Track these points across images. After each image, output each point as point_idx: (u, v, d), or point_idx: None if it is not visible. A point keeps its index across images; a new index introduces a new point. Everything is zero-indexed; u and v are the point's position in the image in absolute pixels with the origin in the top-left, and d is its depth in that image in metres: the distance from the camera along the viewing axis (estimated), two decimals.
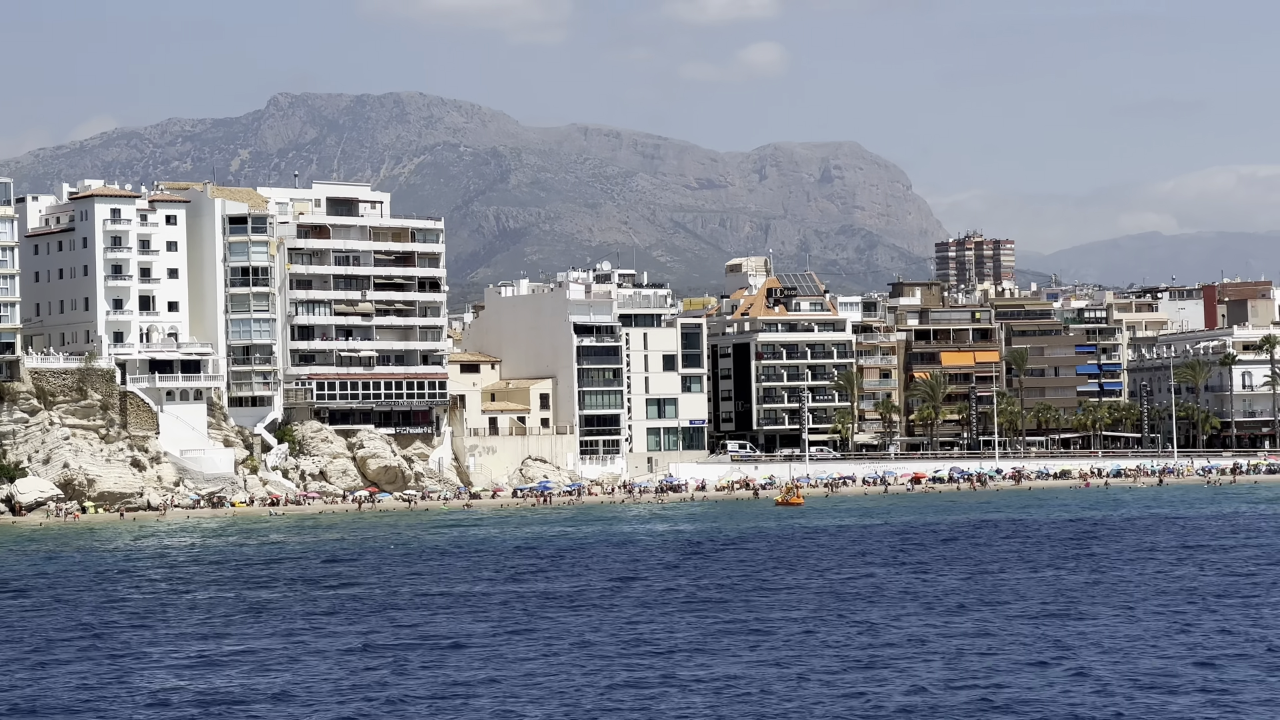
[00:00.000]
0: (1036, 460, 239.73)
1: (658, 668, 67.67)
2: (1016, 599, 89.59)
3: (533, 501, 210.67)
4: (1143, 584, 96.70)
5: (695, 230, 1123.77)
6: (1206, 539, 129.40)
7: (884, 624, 79.52)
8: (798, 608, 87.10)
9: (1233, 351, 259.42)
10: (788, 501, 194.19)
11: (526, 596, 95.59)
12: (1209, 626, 77.22)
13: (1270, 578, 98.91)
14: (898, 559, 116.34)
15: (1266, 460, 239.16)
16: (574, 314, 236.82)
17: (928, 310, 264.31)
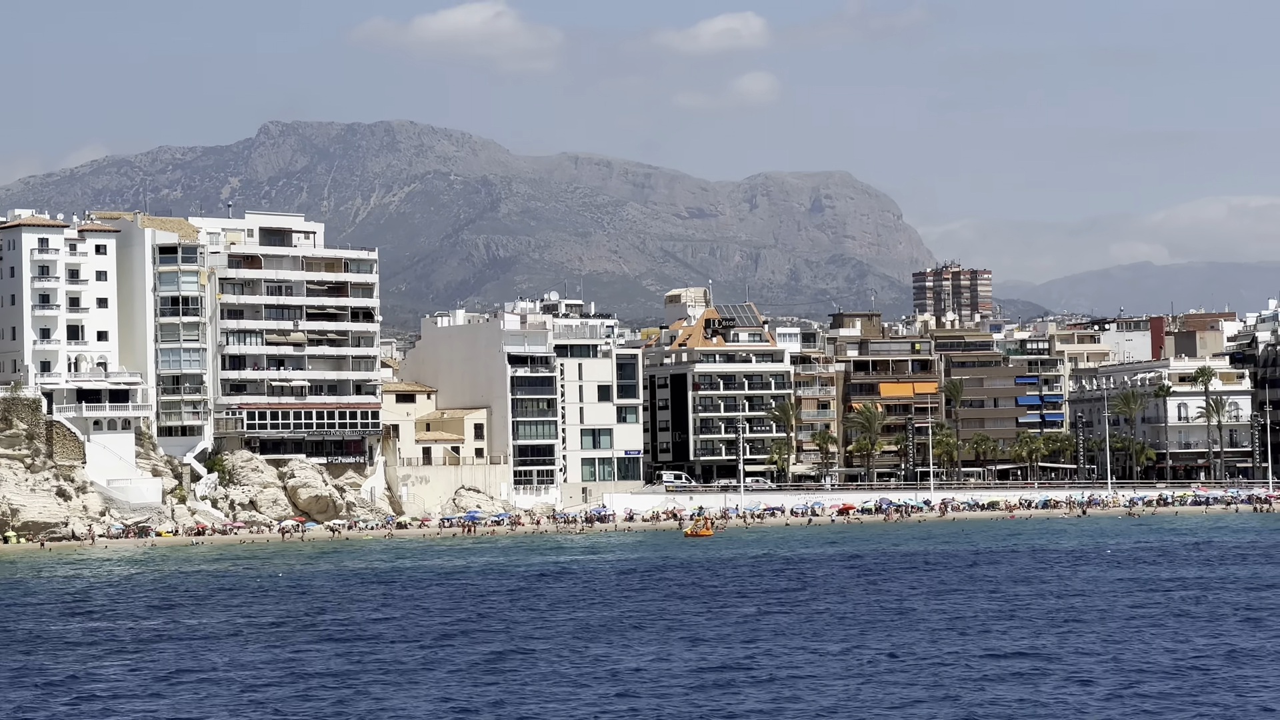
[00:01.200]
0: (967, 492, 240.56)
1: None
2: (722, 630, 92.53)
3: (454, 531, 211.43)
4: (855, 615, 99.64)
5: (685, 259, 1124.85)
6: (1021, 573, 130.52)
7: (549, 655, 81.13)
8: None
9: (1168, 383, 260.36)
10: (697, 533, 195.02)
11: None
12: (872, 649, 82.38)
13: (1016, 614, 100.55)
14: (683, 594, 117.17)
15: (1193, 492, 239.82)
16: (508, 344, 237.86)
17: (867, 341, 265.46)
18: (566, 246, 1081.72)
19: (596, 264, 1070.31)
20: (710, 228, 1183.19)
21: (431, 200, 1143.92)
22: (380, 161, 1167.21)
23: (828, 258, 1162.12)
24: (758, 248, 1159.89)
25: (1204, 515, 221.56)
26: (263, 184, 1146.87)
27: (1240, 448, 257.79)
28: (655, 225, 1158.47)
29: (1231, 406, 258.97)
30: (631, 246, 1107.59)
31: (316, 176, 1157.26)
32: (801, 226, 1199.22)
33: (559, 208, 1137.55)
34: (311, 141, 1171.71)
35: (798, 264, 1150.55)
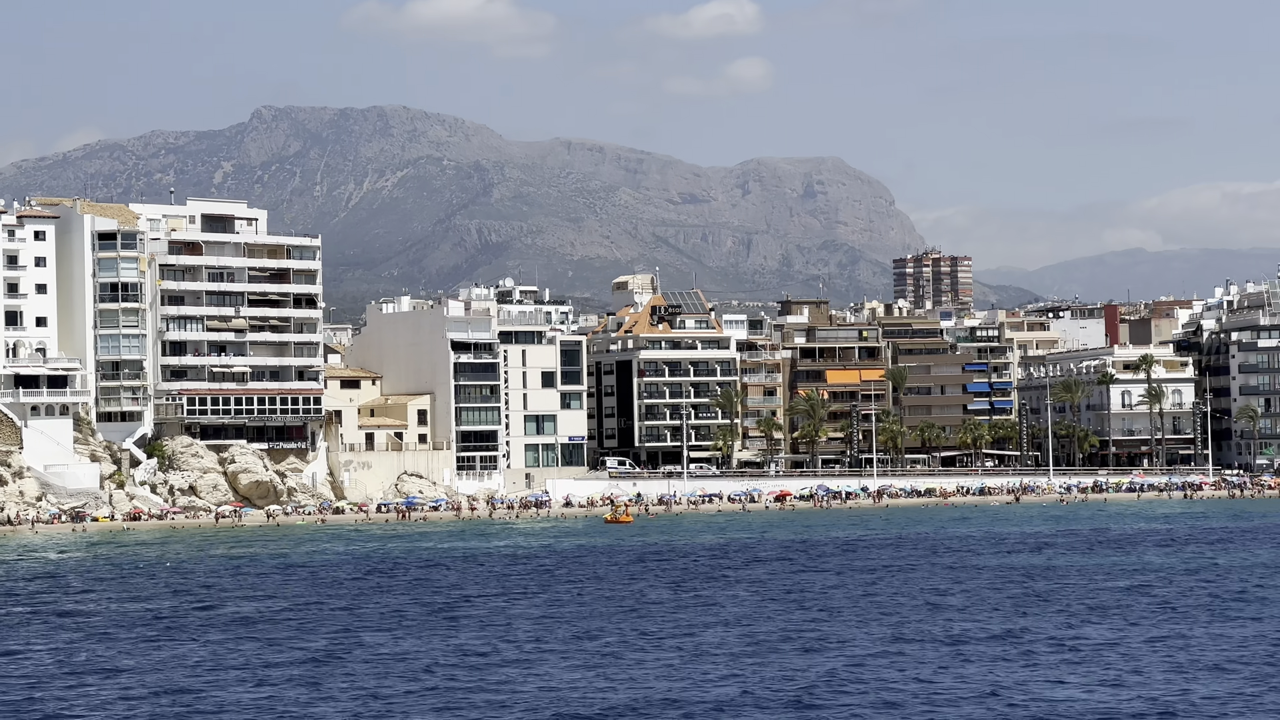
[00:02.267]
0: (905, 478, 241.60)
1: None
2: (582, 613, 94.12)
3: (387, 517, 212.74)
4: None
5: (677, 245, 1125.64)
6: (894, 558, 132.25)
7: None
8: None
9: (1111, 371, 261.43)
10: (617, 519, 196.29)
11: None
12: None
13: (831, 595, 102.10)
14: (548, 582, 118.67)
15: (1129, 479, 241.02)
16: (452, 331, 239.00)
17: (815, 328, 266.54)
18: (559, 232, 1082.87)
19: (589, 249, 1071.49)
20: (702, 213, 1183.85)
21: (424, 185, 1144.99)
22: (373, 146, 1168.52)
23: (820, 243, 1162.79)
24: (750, 233, 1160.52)
25: (1133, 502, 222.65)
26: (255, 168, 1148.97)
27: (1183, 435, 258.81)
28: (648, 211, 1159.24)
29: (1174, 394, 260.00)
30: (624, 232, 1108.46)
31: (309, 161, 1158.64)
32: (794, 212, 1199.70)
33: (551, 193, 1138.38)
34: (304, 126, 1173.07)
35: (790, 249, 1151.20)
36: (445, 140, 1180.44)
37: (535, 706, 65.60)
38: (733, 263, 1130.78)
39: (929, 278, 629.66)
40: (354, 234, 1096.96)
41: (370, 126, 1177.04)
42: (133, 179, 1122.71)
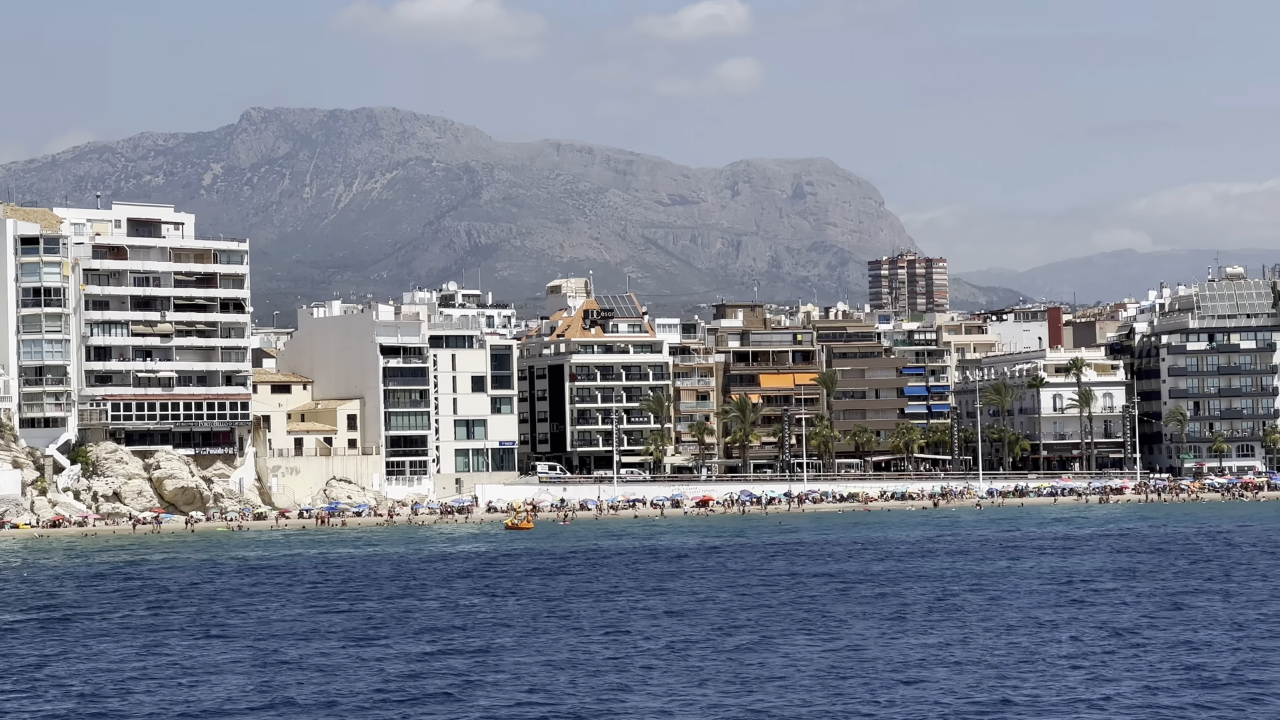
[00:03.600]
0: (830, 483, 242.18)
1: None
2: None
3: (304, 524, 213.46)
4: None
5: (667, 246, 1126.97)
6: (720, 564, 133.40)
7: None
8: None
9: (1042, 374, 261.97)
10: (517, 525, 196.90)
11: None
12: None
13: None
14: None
15: (1052, 483, 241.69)
16: (381, 335, 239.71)
17: (749, 332, 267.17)
18: (548, 233, 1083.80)
19: (578, 251, 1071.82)
20: (692, 215, 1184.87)
21: (413, 187, 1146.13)
22: (362, 148, 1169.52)
23: (809, 245, 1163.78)
24: (739, 235, 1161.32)
25: (1049, 506, 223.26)
26: (245, 170, 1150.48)
27: (1115, 438, 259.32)
28: (637, 212, 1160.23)
29: (1106, 397, 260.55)
30: (613, 233, 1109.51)
31: (299, 163, 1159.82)
32: (783, 213, 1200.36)
33: (541, 194, 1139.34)
34: (294, 128, 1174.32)
35: (779, 251, 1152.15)
36: (434, 142, 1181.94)
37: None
38: (721, 264, 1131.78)
39: (905, 279, 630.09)
40: (343, 236, 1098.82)
41: (359, 128, 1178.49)
42: (122, 181, 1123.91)
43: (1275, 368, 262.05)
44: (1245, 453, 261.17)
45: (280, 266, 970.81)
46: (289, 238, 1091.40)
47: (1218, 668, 73.22)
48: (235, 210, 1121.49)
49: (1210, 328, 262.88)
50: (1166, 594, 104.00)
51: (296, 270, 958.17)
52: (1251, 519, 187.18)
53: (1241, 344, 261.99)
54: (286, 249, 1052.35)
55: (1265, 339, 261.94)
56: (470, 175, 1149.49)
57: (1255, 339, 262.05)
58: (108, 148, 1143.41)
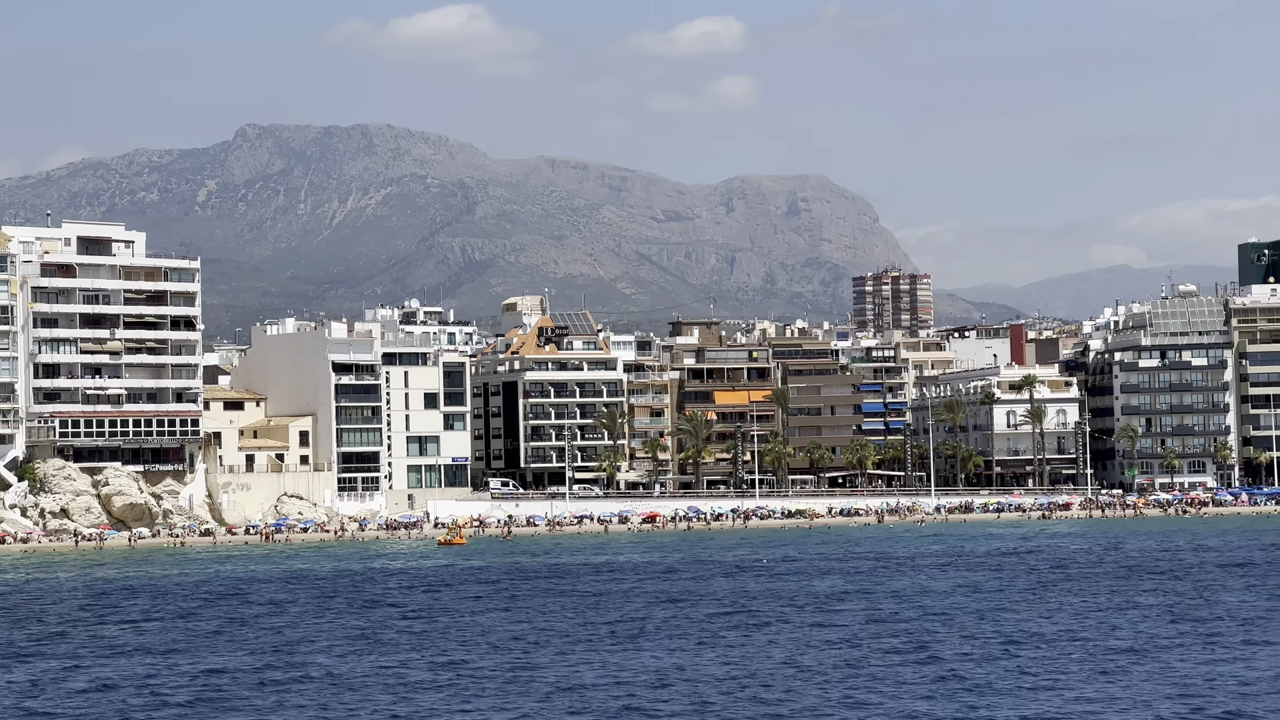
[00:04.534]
0: (778, 500, 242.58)
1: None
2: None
3: (246, 540, 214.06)
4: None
5: (661, 263, 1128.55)
6: (610, 583, 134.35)
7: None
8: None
9: (996, 391, 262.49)
10: (451, 541, 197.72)
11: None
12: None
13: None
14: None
15: (997, 499, 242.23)
16: (334, 353, 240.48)
17: (704, 349, 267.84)
18: (542, 249, 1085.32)
19: (572, 267, 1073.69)
20: (686, 231, 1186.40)
21: (408, 203, 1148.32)
22: (357, 164, 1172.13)
23: (803, 260, 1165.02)
24: (733, 250, 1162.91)
25: (992, 523, 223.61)
26: (239, 187, 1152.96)
27: (1068, 454, 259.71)
28: (631, 228, 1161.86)
29: (1059, 414, 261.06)
30: (607, 250, 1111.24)
31: (293, 179, 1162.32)
32: (778, 229, 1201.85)
33: (535, 211, 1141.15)
34: (288, 144, 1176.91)
35: (773, 267, 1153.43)
36: (429, 158, 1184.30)
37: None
38: (716, 280, 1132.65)
39: (890, 295, 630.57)
40: (338, 252, 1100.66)
41: (354, 144, 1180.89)
42: (116, 197, 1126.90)
43: (1227, 385, 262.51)
44: (1197, 469, 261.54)
45: (274, 283, 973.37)
46: (283, 254, 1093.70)
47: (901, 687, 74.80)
48: (230, 226, 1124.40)
49: (1162, 345, 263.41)
50: (955, 612, 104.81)
51: (291, 286, 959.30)
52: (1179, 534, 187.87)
53: (1193, 361, 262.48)
54: (281, 265, 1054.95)
55: (1217, 356, 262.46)
56: (465, 191, 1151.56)
57: (1207, 356, 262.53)
58: (102, 164, 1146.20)
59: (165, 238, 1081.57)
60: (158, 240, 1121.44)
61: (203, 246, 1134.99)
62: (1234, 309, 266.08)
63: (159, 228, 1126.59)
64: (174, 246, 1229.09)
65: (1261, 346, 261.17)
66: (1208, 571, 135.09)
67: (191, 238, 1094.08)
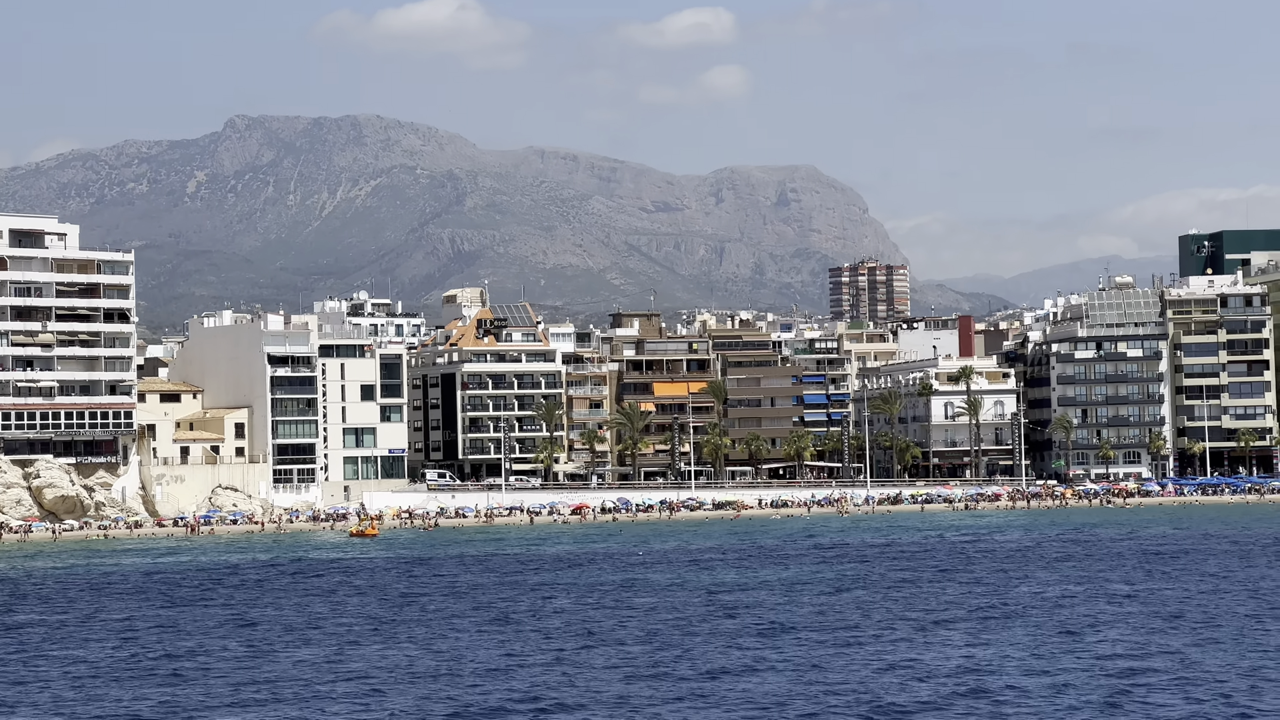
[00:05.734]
0: (709, 491, 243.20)
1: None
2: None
3: (170, 532, 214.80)
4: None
5: (650, 253, 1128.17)
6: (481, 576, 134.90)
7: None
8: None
9: (933, 383, 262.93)
10: (363, 532, 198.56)
11: None
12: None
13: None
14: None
15: (925, 490, 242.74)
16: (270, 345, 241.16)
17: (644, 341, 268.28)
18: (531, 240, 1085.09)
19: (561, 258, 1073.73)
20: (676, 221, 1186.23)
21: (397, 194, 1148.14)
22: (346, 155, 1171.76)
23: (792, 251, 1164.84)
24: (723, 241, 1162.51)
25: (914, 514, 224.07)
26: (229, 178, 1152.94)
27: (1005, 446, 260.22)
28: (620, 219, 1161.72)
29: (997, 405, 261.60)
30: (596, 240, 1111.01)
31: (283, 170, 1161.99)
32: (767, 220, 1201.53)
33: (524, 202, 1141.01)
34: (278, 135, 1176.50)
35: (762, 258, 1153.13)
36: (419, 149, 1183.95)
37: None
38: (705, 270, 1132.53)
39: (866, 286, 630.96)
40: (327, 243, 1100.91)
41: (344, 136, 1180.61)
42: (106, 188, 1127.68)
43: (1162, 376, 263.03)
44: (1132, 460, 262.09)
45: (264, 274, 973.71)
46: (273, 245, 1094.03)
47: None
48: (219, 218, 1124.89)
49: (1098, 336, 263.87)
50: (721, 604, 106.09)
51: (280, 278, 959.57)
52: (1081, 525, 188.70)
53: (1129, 352, 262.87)
54: (270, 256, 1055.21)
55: (1152, 347, 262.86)
56: (454, 182, 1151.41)
57: (1142, 347, 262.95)
58: (91, 155, 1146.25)
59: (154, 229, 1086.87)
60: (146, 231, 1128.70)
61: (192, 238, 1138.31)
62: (1169, 300, 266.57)
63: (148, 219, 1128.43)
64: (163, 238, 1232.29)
65: (1196, 338, 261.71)
66: (1029, 562, 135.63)
67: (181, 229, 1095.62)
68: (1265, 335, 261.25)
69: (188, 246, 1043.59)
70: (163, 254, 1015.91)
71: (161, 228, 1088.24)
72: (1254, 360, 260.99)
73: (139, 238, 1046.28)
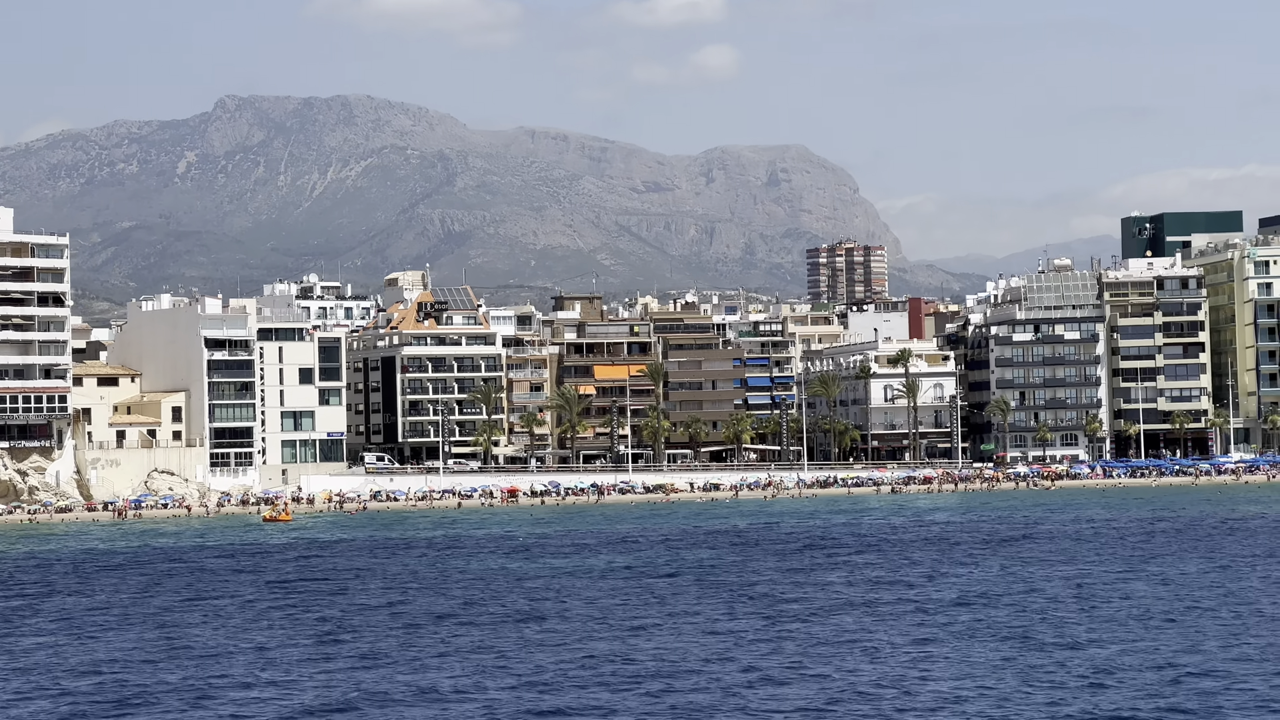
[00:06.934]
0: (641, 474, 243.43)
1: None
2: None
3: (94, 516, 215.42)
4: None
5: (640, 233, 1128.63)
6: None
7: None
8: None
9: (873, 365, 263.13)
10: (276, 518, 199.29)
11: None
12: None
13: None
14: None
15: (855, 473, 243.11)
16: (207, 329, 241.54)
17: (585, 324, 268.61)
18: (521, 221, 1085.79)
19: (551, 238, 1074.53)
20: (666, 202, 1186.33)
21: (388, 175, 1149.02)
22: (337, 135, 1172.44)
23: (783, 231, 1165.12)
24: (713, 221, 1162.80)
25: (841, 498, 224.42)
26: (219, 158, 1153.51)
27: (944, 428, 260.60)
28: (611, 199, 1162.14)
29: (937, 388, 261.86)
30: (586, 221, 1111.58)
31: (273, 150, 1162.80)
32: (758, 200, 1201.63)
33: (515, 182, 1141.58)
34: (268, 115, 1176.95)
35: (753, 238, 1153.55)
36: (409, 129, 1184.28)
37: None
38: (695, 251, 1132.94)
39: (843, 266, 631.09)
40: (317, 224, 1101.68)
41: (334, 116, 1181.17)
42: (96, 169, 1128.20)
43: (1098, 358, 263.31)
44: (1070, 442, 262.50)
45: (254, 254, 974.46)
46: (263, 225, 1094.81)
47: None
48: (210, 198, 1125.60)
49: (1036, 319, 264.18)
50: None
51: (270, 258, 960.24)
52: (984, 509, 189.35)
53: (1066, 335, 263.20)
54: (261, 237, 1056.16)
55: (1089, 330, 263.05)
56: (445, 163, 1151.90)
57: (1080, 330, 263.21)
58: (81, 135, 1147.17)
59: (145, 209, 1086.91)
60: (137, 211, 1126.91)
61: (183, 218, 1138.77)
62: (1106, 283, 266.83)
63: (139, 199, 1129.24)
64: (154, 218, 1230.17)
65: (1132, 320, 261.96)
66: (899, 546, 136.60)
67: (171, 209, 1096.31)
68: (1200, 318, 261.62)
69: (178, 227, 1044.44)
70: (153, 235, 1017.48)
71: (152, 208, 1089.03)
72: (1190, 343, 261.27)
73: (129, 218, 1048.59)
